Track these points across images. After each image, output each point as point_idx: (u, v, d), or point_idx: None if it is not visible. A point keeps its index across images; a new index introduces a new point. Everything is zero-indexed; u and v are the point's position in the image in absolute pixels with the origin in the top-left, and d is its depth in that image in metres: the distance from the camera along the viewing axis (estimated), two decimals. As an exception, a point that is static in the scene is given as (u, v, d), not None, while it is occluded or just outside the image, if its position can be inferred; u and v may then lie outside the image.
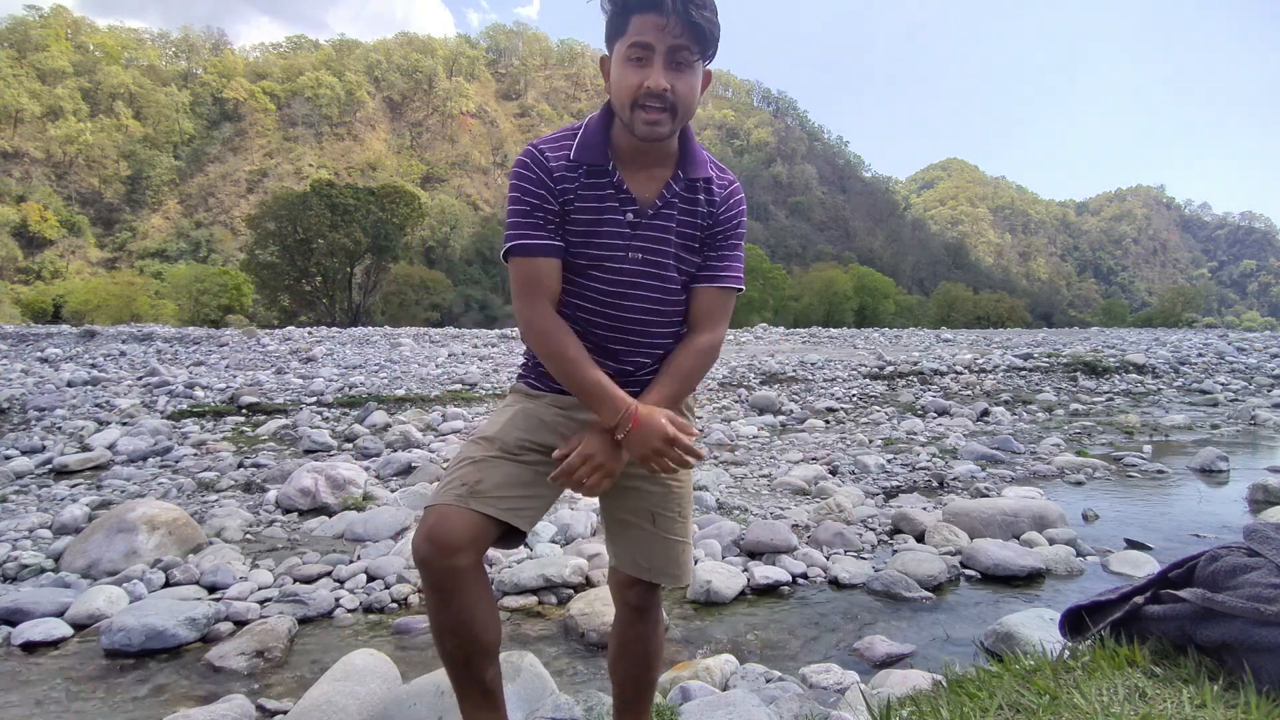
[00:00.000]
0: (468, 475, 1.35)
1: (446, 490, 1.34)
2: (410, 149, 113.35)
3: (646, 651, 1.60)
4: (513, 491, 1.36)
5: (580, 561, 3.46)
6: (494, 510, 1.33)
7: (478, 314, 59.99)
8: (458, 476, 1.36)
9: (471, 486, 1.33)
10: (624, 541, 1.53)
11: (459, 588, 1.30)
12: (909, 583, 3.41)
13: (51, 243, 75.97)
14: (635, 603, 1.56)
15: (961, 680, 1.38)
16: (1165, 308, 66.03)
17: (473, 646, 1.36)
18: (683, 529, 1.54)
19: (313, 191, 42.37)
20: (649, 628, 1.59)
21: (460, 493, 1.32)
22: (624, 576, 1.55)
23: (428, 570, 1.30)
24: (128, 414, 7.56)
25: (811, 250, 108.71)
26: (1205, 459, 6.18)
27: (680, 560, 1.54)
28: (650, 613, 1.59)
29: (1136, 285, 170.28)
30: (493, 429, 1.44)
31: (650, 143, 1.34)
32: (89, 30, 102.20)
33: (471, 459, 1.39)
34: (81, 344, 15.23)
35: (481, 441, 1.42)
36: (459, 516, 1.30)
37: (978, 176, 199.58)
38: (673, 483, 1.51)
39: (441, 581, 1.30)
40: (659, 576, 1.52)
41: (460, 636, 1.34)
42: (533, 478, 1.41)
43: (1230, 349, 17.67)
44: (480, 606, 1.34)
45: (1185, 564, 1.44)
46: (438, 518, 1.30)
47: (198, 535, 3.90)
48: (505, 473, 1.37)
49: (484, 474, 1.35)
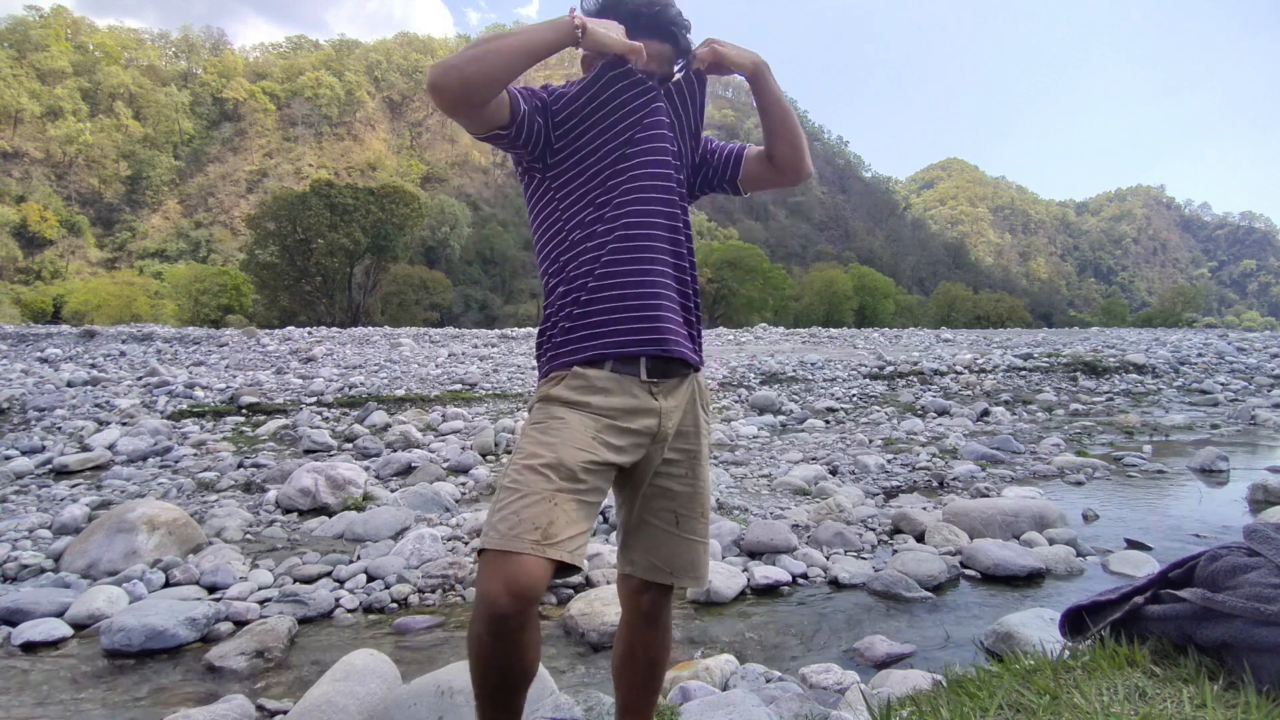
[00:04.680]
0: (539, 518, 1.26)
1: (518, 535, 1.25)
2: (410, 149, 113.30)
3: (655, 660, 1.58)
4: (578, 530, 1.31)
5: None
6: (568, 557, 1.27)
7: (478, 314, 60.00)
8: (529, 519, 1.26)
9: (545, 530, 1.26)
10: (644, 545, 1.51)
11: (523, 629, 1.26)
12: (909, 583, 3.41)
13: (51, 243, 75.90)
14: (648, 609, 1.53)
15: (961, 680, 1.38)
16: (1165, 308, 66.04)
17: (520, 679, 1.32)
18: (705, 529, 1.53)
19: (312, 191, 42.32)
20: (660, 634, 1.57)
21: (536, 539, 1.25)
22: (637, 583, 1.52)
23: (503, 622, 1.23)
24: (128, 414, 7.55)
25: (811, 250, 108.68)
26: (1205, 459, 6.18)
27: (699, 561, 1.53)
28: (662, 619, 1.56)
29: (1136, 285, 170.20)
30: (552, 452, 1.33)
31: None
32: (89, 30, 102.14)
33: (538, 495, 1.29)
34: (81, 344, 15.22)
35: (545, 471, 1.32)
36: (538, 567, 1.23)
37: (978, 176, 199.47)
38: (698, 483, 1.51)
39: (511, 630, 1.24)
40: (680, 579, 1.50)
41: (509, 672, 1.30)
42: (591, 512, 1.36)
43: (1230, 349, 17.66)
44: (535, 640, 1.31)
45: (1185, 564, 1.43)
46: (518, 568, 1.22)
47: (198, 535, 3.90)
48: (573, 514, 1.31)
49: (555, 515, 1.28)
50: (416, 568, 3.54)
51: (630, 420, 1.41)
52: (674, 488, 1.49)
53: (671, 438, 1.48)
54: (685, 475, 1.49)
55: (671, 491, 1.49)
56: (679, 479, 1.49)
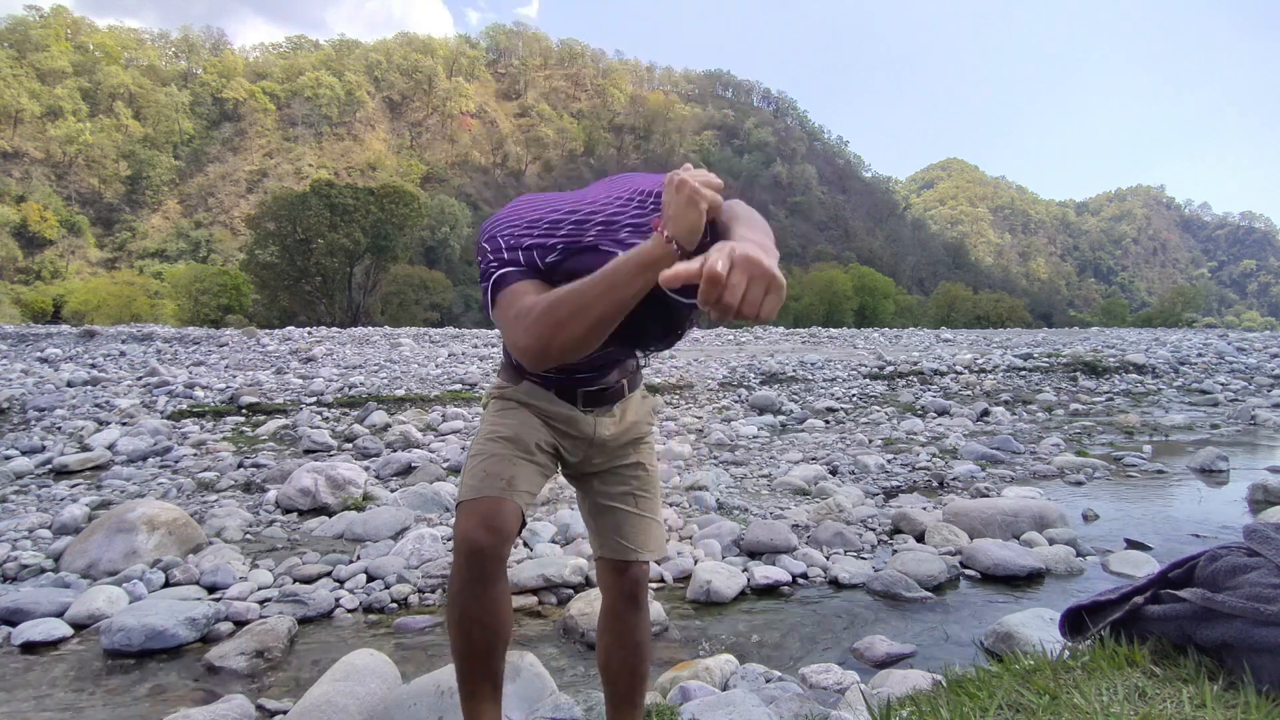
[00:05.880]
0: (502, 469, 1.45)
1: (486, 483, 1.42)
2: (410, 149, 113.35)
3: (639, 641, 1.65)
4: (533, 487, 1.49)
5: (580, 561, 3.46)
6: (524, 504, 1.44)
7: (478, 314, 59.96)
8: (494, 471, 1.44)
9: (509, 480, 1.43)
10: (607, 526, 1.63)
11: (500, 576, 1.39)
12: (909, 583, 3.41)
13: (51, 243, 75.97)
14: (629, 590, 1.63)
15: (961, 680, 1.38)
16: (1165, 308, 66.06)
17: (496, 636, 1.42)
18: (657, 507, 1.70)
19: (312, 191, 42.34)
20: (641, 615, 1.65)
21: (501, 485, 1.42)
22: (612, 565, 1.62)
23: (481, 558, 1.35)
24: (128, 414, 7.55)
25: (811, 250, 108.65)
26: (1205, 459, 6.18)
27: (659, 535, 1.68)
28: (641, 599, 1.65)
29: (1136, 285, 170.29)
30: (510, 430, 1.53)
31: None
32: (89, 30, 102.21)
33: (499, 456, 1.48)
34: (81, 344, 15.23)
35: (504, 441, 1.51)
36: (508, 506, 1.40)
37: (978, 176, 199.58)
38: (650, 466, 1.69)
39: (488, 570, 1.36)
40: (642, 553, 1.62)
41: (488, 626, 1.40)
42: (542, 480, 1.54)
43: (1230, 349, 17.67)
44: (508, 595, 1.43)
45: (1185, 564, 1.43)
46: (491, 506, 1.38)
47: (198, 535, 3.90)
48: (529, 475, 1.49)
49: (516, 471, 1.46)
50: (416, 568, 3.54)
51: (570, 427, 1.58)
52: (627, 474, 1.65)
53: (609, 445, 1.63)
54: (637, 462, 1.65)
55: (625, 477, 1.65)
56: (632, 466, 1.65)
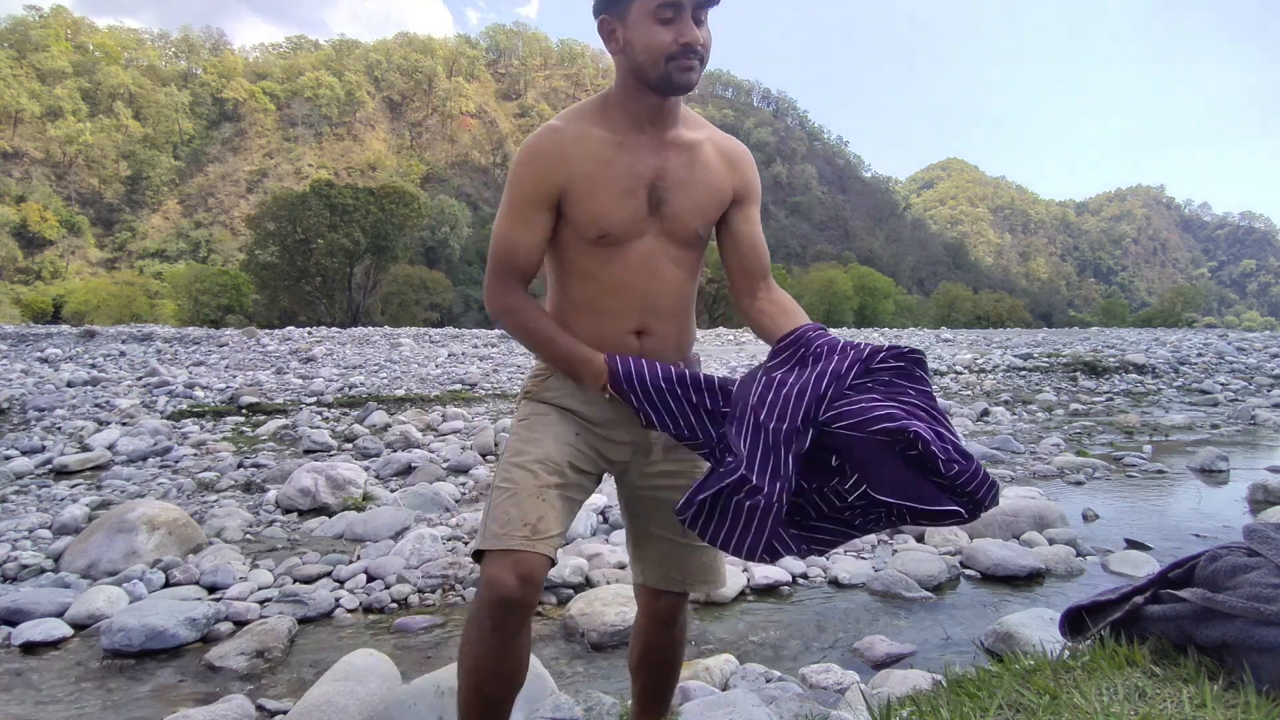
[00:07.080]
0: (528, 511, 1.30)
1: (509, 530, 1.28)
2: (410, 149, 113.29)
3: (670, 661, 1.60)
4: (560, 528, 1.34)
5: (580, 561, 3.46)
6: (551, 552, 1.30)
7: (478, 314, 59.91)
8: (518, 515, 1.29)
9: (534, 525, 1.29)
10: (653, 556, 1.52)
11: (525, 628, 1.30)
12: (909, 583, 3.41)
13: (51, 243, 75.91)
14: (665, 614, 1.55)
15: (961, 680, 1.37)
16: (1165, 307, 65.98)
17: (509, 689, 1.33)
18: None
19: (312, 192, 42.31)
20: (676, 635, 1.59)
21: (525, 534, 1.27)
22: (652, 590, 1.53)
23: (508, 608, 1.25)
24: (128, 414, 7.56)
25: (811, 250, 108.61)
26: (1205, 459, 6.18)
27: (713, 566, 1.53)
28: (678, 622, 1.58)
29: (1136, 285, 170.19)
30: (539, 448, 1.37)
31: (684, 91, 1.38)
32: (88, 30, 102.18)
33: (525, 491, 1.32)
34: (81, 344, 15.23)
35: (533, 467, 1.34)
36: (536, 560, 1.27)
37: (978, 176, 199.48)
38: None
39: (513, 623, 1.27)
40: (693, 585, 1.52)
41: (503, 677, 1.31)
42: (574, 508, 1.40)
43: (1230, 349, 17.67)
44: (529, 645, 1.34)
45: (1185, 564, 1.43)
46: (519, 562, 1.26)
47: (198, 535, 3.90)
48: (559, 510, 1.34)
49: (544, 511, 1.31)
50: (416, 568, 3.54)
51: (610, 430, 1.43)
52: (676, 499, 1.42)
53: (663, 450, 1.48)
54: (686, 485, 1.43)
55: (674, 502, 1.43)
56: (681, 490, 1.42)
